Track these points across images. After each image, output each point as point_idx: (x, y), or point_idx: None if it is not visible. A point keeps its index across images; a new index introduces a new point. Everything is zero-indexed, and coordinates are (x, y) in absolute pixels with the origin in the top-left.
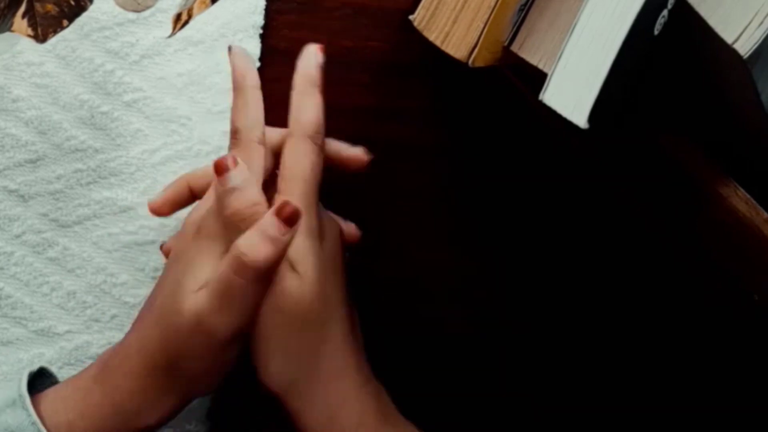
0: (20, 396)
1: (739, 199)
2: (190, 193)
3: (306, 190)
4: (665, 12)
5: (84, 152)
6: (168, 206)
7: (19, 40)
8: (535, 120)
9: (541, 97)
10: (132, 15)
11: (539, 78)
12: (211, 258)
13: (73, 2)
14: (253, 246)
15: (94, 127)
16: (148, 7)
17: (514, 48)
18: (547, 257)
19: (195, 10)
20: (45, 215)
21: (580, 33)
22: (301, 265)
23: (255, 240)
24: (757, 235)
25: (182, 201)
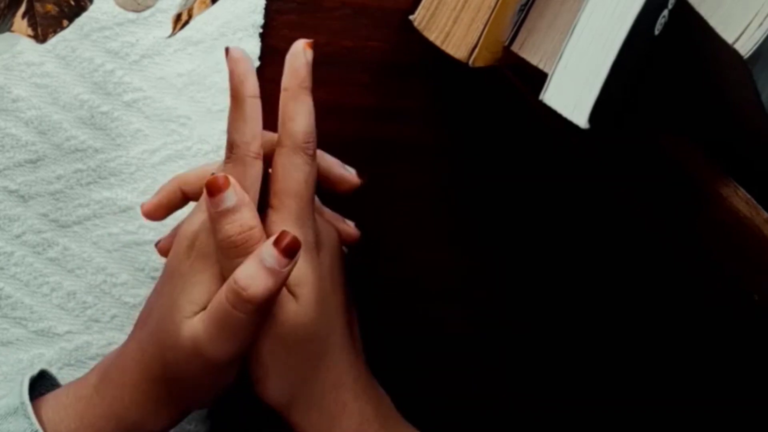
0: (22, 404)
1: (739, 199)
2: (183, 196)
3: (301, 206)
4: (665, 12)
5: (84, 152)
6: (161, 211)
7: (19, 40)
8: (535, 120)
9: (541, 97)
10: (132, 15)
11: (539, 78)
12: (206, 276)
13: (73, 2)
14: (252, 279)
15: (94, 127)
16: (148, 7)
17: (515, 48)
18: (547, 257)
19: (195, 10)
20: (45, 215)
21: (581, 33)
22: (299, 287)
23: (253, 272)
24: (757, 235)
25: (175, 205)
